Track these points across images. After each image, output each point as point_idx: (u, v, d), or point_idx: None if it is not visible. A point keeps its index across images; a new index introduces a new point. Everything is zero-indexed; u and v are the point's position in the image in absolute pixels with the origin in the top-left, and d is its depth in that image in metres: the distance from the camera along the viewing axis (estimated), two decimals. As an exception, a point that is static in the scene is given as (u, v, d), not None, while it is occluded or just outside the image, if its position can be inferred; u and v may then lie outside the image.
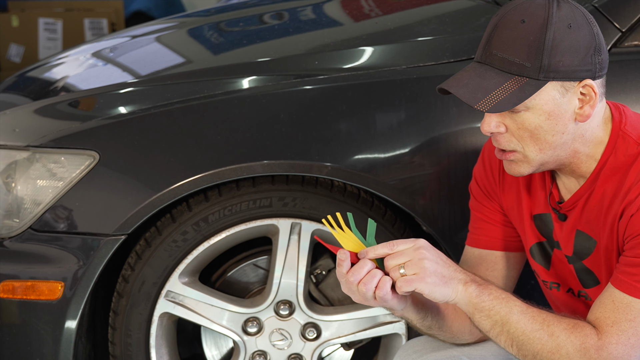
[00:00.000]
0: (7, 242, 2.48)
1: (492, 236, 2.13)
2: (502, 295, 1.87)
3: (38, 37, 6.54)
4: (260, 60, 2.68)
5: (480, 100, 1.81)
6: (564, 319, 1.86)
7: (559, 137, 1.86)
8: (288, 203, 2.48)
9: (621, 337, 1.82)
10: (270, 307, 2.56)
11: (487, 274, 2.13)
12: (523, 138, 1.86)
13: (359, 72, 2.50)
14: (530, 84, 1.81)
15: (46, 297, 2.46)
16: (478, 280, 1.88)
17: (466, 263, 2.15)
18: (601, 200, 1.91)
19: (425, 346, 2.09)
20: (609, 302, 1.85)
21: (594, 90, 1.83)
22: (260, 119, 2.44)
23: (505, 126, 1.87)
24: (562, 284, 2.07)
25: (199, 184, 2.42)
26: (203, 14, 3.55)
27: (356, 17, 3.13)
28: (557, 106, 1.83)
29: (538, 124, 1.84)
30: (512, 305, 1.86)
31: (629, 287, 1.83)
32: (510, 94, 1.81)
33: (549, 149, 1.87)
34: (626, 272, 1.84)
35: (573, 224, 1.97)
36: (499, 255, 2.13)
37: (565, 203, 1.97)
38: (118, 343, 2.55)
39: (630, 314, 1.83)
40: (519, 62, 1.81)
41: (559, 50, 1.80)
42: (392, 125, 2.42)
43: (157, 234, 2.50)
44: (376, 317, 2.57)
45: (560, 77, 1.81)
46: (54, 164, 2.45)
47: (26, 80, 3.13)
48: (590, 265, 1.98)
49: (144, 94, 2.58)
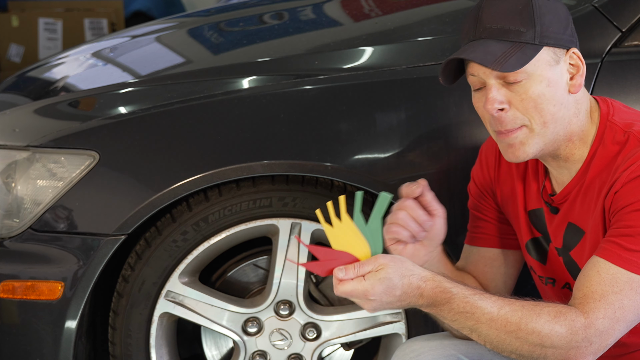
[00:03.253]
0: (7, 242, 2.48)
1: (490, 234, 2.16)
2: (467, 307, 1.83)
3: (38, 37, 6.54)
4: (260, 60, 2.68)
5: (491, 62, 1.86)
6: (544, 310, 1.83)
7: (558, 108, 1.90)
8: (288, 203, 2.48)
9: (608, 311, 1.81)
10: (270, 307, 2.56)
11: (486, 271, 2.16)
12: (528, 110, 1.90)
13: (359, 72, 2.50)
14: (529, 48, 1.88)
15: (46, 297, 2.46)
16: (438, 300, 1.84)
17: (465, 260, 2.19)
18: (592, 191, 1.93)
19: (423, 346, 2.09)
20: (594, 273, 1.84)
21: (580, 59, 1.92)
22: (260, 119, 2.44)
23: (509, 101, 1.90)
24: (557, 279, 2.08)
25: (199, 184, 2.42)
26: (203, 14, 3.55)
27: (356, 17, 3.13)
28: (553, 74, 1.90)
29: (540, 91, 1.89)
30: (479, 316, 1.83)
31: (614, 256, 1.83)
32: (515, 56, 1.86)
33: (551, 122, 1.90)
34: (612, 242, 1.85)
35: (564, 217, 1.99)
36: (497, 253, 2.16)
37: (557, 196, 2.00)
38: (118, 343, 2.56)
39: (616, 286, 1.82)
40: (515, 29, 1.88)
41: (547, 17, 1.89)
42: (392, 125, 2.42)
43: (157, 234, 2.50)
44: (376, 317, 2.57)
45: (552, 43, 1.89)
46: (54, 164, 2.46)
47: (26, 80, 3.13)
48: (575, 257, 2.00)
49: (144, 94, 2.58)
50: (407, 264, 1.84)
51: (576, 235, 1.99)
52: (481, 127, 2.44)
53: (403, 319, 2.55)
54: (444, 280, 1.85)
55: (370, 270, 1.81)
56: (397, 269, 1.82)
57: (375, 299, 1.82)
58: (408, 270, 1.83)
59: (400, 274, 1.82)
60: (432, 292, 1.83)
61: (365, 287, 1.80)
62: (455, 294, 1.84)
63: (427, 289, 1.83)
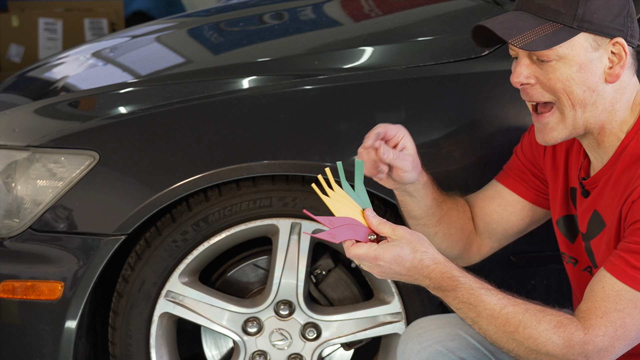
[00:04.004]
0: (7, 242, 2.48)
1: (521, 180, 2.17)
2: (471, 298, 1.85)
3: (38, 37, 6.53)
4: (260, 60, 2.68)
5: (515, 36, 1.85)
6: (546, 317, 1.84)
7: (589, 94, 1.88)
8: (288, 203, 2.48)
9: (608, 329, 1.81)
10: (270, 307, 2.56)
11: (497, 210, 2.19)
12: (555, 90, 1.88)
13: (359, 72, 2.50)
14: (564, 30, 1.85)
15: (46, 297, 2.46)
16: (444, 285, 1.86)
17: (484, 191, 2.22)
18: (618, 185, 1.91)
19: (431, 323, 2.14)
20: (599, 288, 1.84)
21: (624, 50, 1.87)
22: (260, 119, 2.44)
23: (536, 78, 1.89)
24: (580, 260, 2.08)
25: (199, 184, 2.42)
26: (203, 14, 3.55)
27: (356, 17, 3.13)
28: (589, 60, 1.86)
29: (569, 74, 1.87)
30: (480, 310, 1.85)
31: (621, 272, 1.82)
32: (544, 35, 1.84)
33: (579, 106, 1.88)
34: (620, 257, 1.84)
35: (592, 203, 1.98)
36: (516, 200, 2.18)
37: (588, 180, 1.99)
38: (118, 343, 2.56)
39: (620, 304, 1.81)
40: (555, 9, 1.85)
41: (595, 3, 1.84)
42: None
43: (157, 234, 2.50)
44: (376, 317, 2.57)
45: (593, 29, 1.85)
46: (54, 164, 2.46)
47: (26, 80, 3.13)
48: (594, 247, 2.00)
49: (144, 94, 2.58)
50: (424, 242, 1.86)
51: (599, 225, 1.97)
52: (481, 126, 2.44)
53: (403, 319, 2.55)
54: (454, 268, 1.86)
55: (386, 237, 1.84)
56: (411, 243, 1.84)
57: (384, 265, 1.83)
58: (422, 247, 1.85)
59: (413, 247, 1.84)
60: (439, 276, 1.85)
61: (377, 252, 1.83)
62: (462, 283, 1.85)
63: (435, 271, 1.85)
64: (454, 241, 2.19)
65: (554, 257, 2.29)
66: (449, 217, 2.17)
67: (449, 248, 2.20)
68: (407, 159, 2.03)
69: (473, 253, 2.24)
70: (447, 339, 2.06)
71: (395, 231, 1.84)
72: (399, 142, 2.03)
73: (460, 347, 2.06)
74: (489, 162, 2.41)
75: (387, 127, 2.01)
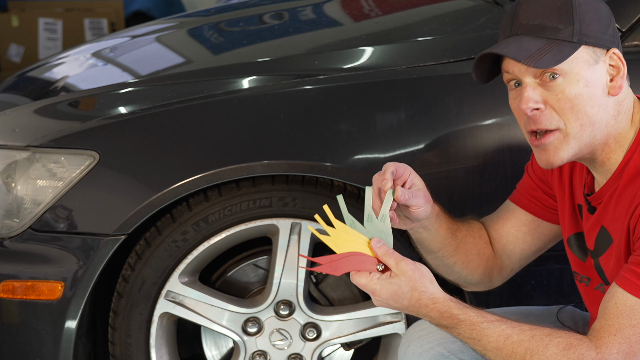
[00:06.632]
0: (7, 242, 2.48)
1: (533, 198, 2.15)
2: (474, 334, 1.85)
3: (38, 37, 6.53)
4: (260, 60, 2.68)
5: (525, 57, 1.83)
6: (554, 341, 1.82)
7: (597, 111, 1.86)
8: (288, 203, 2.48)
9: (622, 346, 1.79)
10: (270, 307, 2.56)
11: (512, 232, 2.17)
12: (564, 111, 1.86)
13: (359, 72, 2.50)
14: (566, 46, 1.83)
15: (46, 297, 2.46)
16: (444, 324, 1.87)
17: (498, 213, 2.20)
18: (623, 200, 1.89)
19: (433, 325, 2.12)
20: (611, 305, 1.81)
21: (621, 60, 1.87)
22: (260, 119, 2.44)
23: (544, 101, 1.87)
24: (592, 279, 2.05)
25: (199, 184, 2.42)
26: (203, 14, 3.55)
27: (356, 17, 3.13)
28: (592, 73, 1.85)
29: (578, 91, 1.85)
30: (485, 344, 1.85)
31: (633, 286, 1.80)
32: (551, 53, 1.83)
33: (588, 125, 1.86)
34: (632, 271, 1.81)
35: (598, 219, 1.96)
36: (531, 219, 2.16)
37: (593, 196, 1.97)
38: (118, 343, 2.55)
39: (634, 319, 1.79)
40: (553, 26, 1.84)
41: (587, 15, 1.84)
42: (392, 125, 2.42)
43: (157, 234, 2.50)
44: (376, 317, 2.57)
45: (591, 42, 1.84)
46: (54, 164, 2.45)
47: (26, 80, 3.13)
48: (603, 264, 1.98)
49: (144, 94, 2.58)
50: (425, 279, 1.86)
51: (607, 241, 1.95)
52: (481, 127, 2.44)
53: (403, 319, 2.55)
54: (454, 306, 1.86)
55: (390, 267, 1.86)
56: (411, 281, 1.85)
57: (382, 301, 1.87)
58: (421, 286, 1.86)
59: (412, 286, 1.85)
60: (438, 315, 1.87)
61: (374, 287, 1.85)
62: (462, 320, 1.86)
63: (433, 310, 1.87)
64: (473, 267, 2.17)
65: (554, 257, 2.29)
66: (465, 245, 2.15)
67: (469, 275, 2.18)
68: (419, 195, 2.01)
69: (494, 276, 2.21)
70: (449, 341, 2.06)
71: (398, 265, 1.85)
72: (407, 179, 2.01)
73: (462, 350, 2.05)
74: (489, 163, 2.41)
75: (397, 165, 2.00)
